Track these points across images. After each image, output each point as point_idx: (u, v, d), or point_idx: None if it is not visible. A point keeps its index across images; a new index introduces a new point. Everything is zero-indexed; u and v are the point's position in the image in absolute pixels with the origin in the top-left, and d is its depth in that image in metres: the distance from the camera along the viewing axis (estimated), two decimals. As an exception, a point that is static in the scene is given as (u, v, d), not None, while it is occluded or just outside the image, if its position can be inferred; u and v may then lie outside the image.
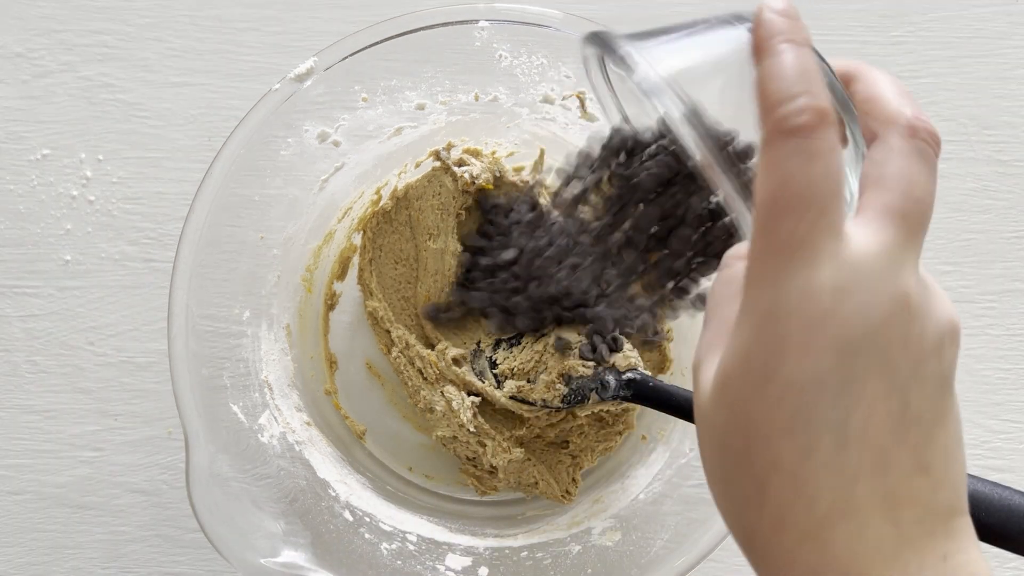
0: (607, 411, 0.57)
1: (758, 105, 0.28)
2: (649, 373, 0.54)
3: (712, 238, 0.44)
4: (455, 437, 0.57)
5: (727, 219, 0.44)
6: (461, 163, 0.59)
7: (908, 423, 0.28)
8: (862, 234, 0.28)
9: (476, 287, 0.58)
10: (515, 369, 0.56)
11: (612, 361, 0.54)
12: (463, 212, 0.59)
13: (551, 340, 0.56)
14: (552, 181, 0.56)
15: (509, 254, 0.55)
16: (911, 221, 0.28)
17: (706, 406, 0.30)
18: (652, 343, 0.58)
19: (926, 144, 0.30)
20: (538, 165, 0.59)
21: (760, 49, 0.30)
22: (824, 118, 0.27)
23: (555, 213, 0.54)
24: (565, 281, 0.51)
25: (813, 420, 0.27)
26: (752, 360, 0.28)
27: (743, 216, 0.30)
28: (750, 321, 0.28)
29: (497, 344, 0.58)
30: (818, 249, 0.27)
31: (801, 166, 0.27)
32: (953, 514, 0.28)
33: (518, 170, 0.60)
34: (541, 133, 0.58)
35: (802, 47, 0.29)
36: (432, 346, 0.59)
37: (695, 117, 0.31)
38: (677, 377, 0.59)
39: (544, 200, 0.59)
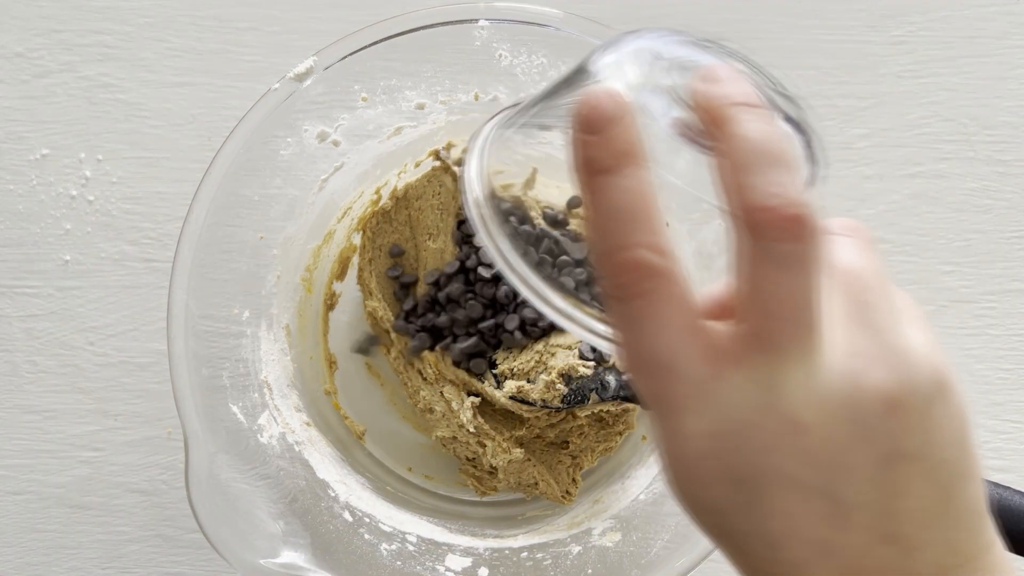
0: (607, 411, 0.57)
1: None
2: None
3: None
4: (455, 437, 0.57)
5: None
6: (461, 163, 0.59)
7: (846, 511, 0.26)
8: (729, 369, 0.27)
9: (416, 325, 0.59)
10: (515, 369, 0.56)
11: (612, 361, 0.54)
12: (461, 212, 0.59)
13: (551, 340, 0.56)
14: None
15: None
16: (774, 341, 0.26)
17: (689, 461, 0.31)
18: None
19: (778, 242, 0.25)
20: (530, 182, 0.59)
21: (578, 183, 0.26)
22: (647, 271, 0.26)
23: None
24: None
25: (733, 534, 0.28)
26: (669, 479, 0.29)
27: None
28: (657, 447, 0.29)
29: (497, 344, 0.58)
30: (682, 402, 0.27)
31: (633, 328, 0.27)
32: (946, 570, 0.27)
33: (506, 188, 0.59)
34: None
35: (615, 176, 0.26)
36: (432, 347, 0.59)
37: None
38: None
39: (535, 213, 0.59)
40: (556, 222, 0.59)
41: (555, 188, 0.61)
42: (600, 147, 0.25)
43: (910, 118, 0.64)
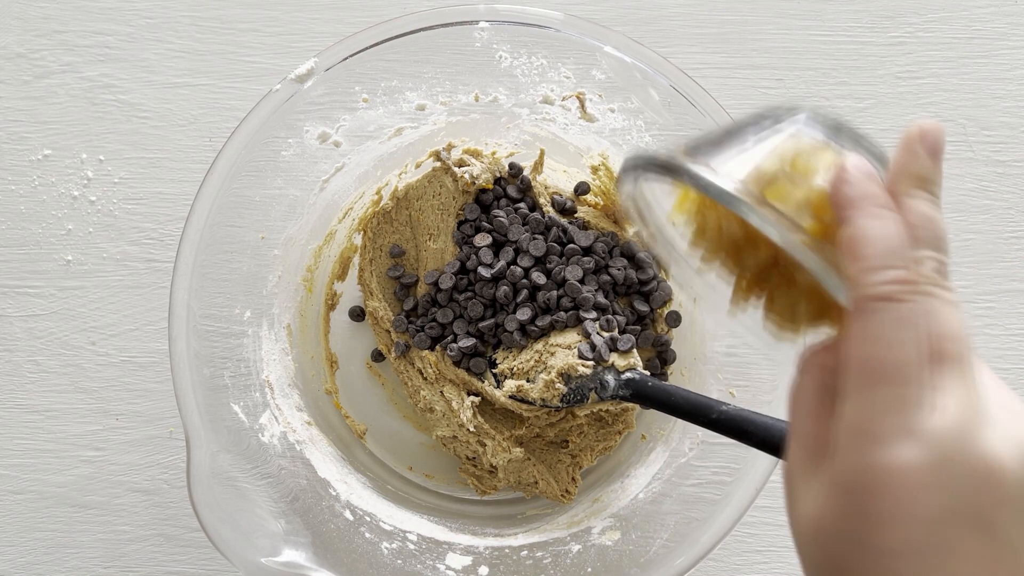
0: (606, 410, 0.57)
1: (847, 263, 0.30)
2: (648, 372, 0.54)
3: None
4: (455, 437, 0.58)
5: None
6: (461, 163, 0.59)
7: (1008, 554, 0.28)
8: (940, 404, 0.29)
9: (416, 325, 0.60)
10: (514, 368, 0.56)
11: (611, 361, 0.54)
12: (461, 212, 0.60)
13: (550, 339, 0.56)
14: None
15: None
16: (951, 355, 0.29)
17: (804, 534, 0.31)
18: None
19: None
20: (538, 166, 0.59)
21: (849, 205, 0.31)
22: (916, 287, 0.29)
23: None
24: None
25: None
26: (846, 522, 0.29)
27: (836, 292, 0.31)
28: (844, 486, 0.29)
29: (497, 344, 0.58)
30: (906, 426, 0.28)
31: (893, 332, 0.29)
32: None
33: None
34: (541, 134, 0.59)
35: (887, 211, 0.31)
36: (432, 347, 0.59)
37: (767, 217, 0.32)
38: (676, 377, 0.59)
39: (544, 200, 0.59)
40: (564, 209, 0.59)
41: (563, 172, 0.61)
42: (879, 189, 0.31)
43: (908, 119, 0.64)
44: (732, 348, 0.55)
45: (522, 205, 0.59)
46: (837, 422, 0.30)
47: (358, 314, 0.61)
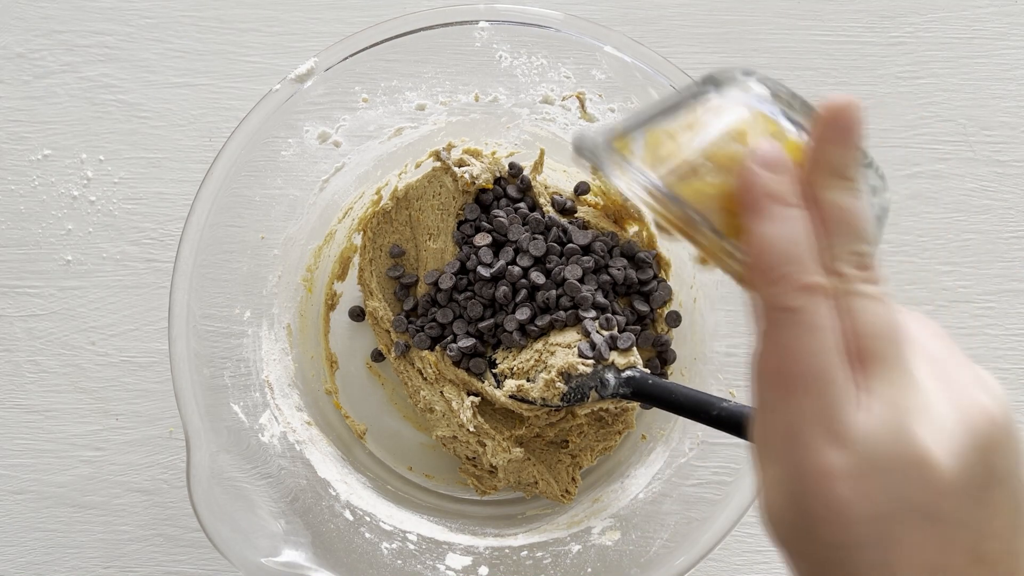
0: (606, 410, 0.57)
1: (749, 272, 0.30)
2: (648, 371, 0.54)
3: None
4: (455, 437, 0.58)
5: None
6: (461, 163, 0.59)
7: (954, 536, 0.28)
8: (863, 396, 0.29)
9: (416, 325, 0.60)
10: (514, 368, 0.56)
11: (611, 359, 0.54)
12: (461, 212, 0.59)
13: (550, 339, 0.56)
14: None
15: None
16: (877, 356, 0.29)
17: (765, 515, 0.31)
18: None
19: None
20: (538, 166, 0.59)
21: (748, 207, 0.30)
22: (822, 291, 0.28)
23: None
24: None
25: (850, 568, 0.29)
26: (794, 516, 0.30)
27: (731, 273, 0.31)
28: (784, 485, 0.30)
29: (496, 344, 0.58)
30: (831, 431, 0.28)
31: (799, 342, 0.28)
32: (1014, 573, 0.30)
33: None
34: (541, 133, 0.59)
35: (790, 210, 0.30)
36: (432, 347, 0.59)
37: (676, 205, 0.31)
38: (676, 377, 0.59)
39: (543, 200, 0.59)
40: (564, 209, 0.59)
41: (562, 172, 0.61)
42: (780, 184, 0.30)
43: (909, 119, 0.64)
44: (732, 348, 0.55)
45: (522, 205, 0.59)
46: (775, 421, 0.30)
47: (358, 314, 0.61)
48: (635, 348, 0.55)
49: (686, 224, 0.31)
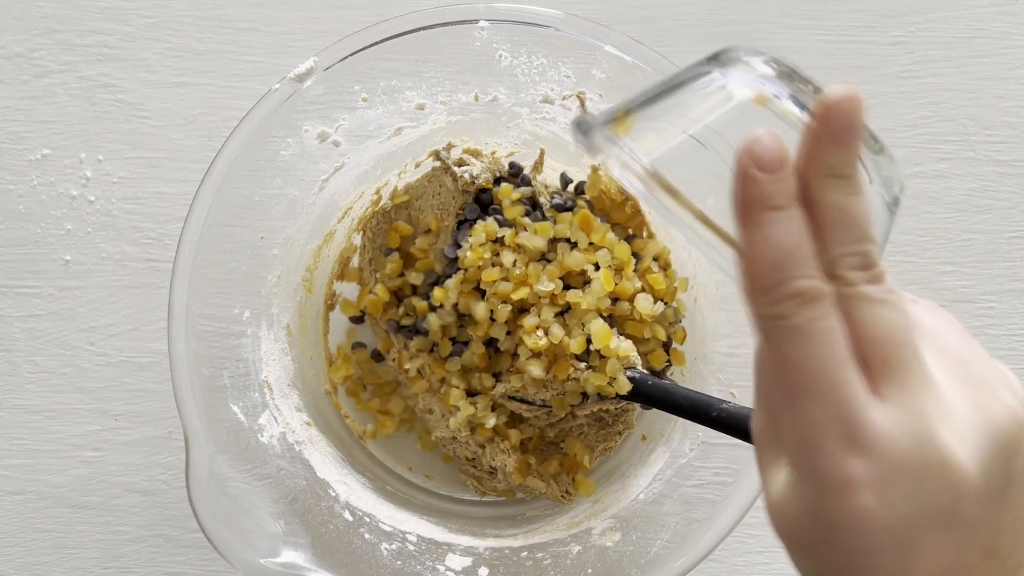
0: (606, 411, 0.57)
1: (741, 281, 0.28)
2: (648, 371, 0.54)
3: None
4: (454, 437, 0.57)
5: None
6: (461, 163, 0.59)
7: (972, 535, 0.28)
8: (876, 402, 0.28)
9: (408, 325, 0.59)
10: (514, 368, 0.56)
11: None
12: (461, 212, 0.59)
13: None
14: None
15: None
16: (891, 362, 0.28)
17: (773, 514, 0.31)
18: None
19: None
20: (538, 165, 0.59)
21: (740, 215, 0.28)
22: (819, 298, 0.27)
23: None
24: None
25: (873, 571, 0.28)
26: (811, 520, 0.29)
27: (729, 271, 0.30)
28: (801, 491, 0.29)
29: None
30: (849, 440, 0.27)
31: (799, 351, 0.27)
32: (1020, 567, 0.29)
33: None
34: (541, 133, 0.58)
35: (783, 212, 0.27)
36: (432, 348, 0.59)
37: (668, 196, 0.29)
38: (676, 377, 0.59)
39: (543, 199, 0.59)
40: (564, 208, 0.59)
41: (563, 172, 0.61)
42: (773, 185, 0.27)
43: (910, 118, 0.64)
44: (733, 348, 0.55)
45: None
46: (783, 428, 0.29)
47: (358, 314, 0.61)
48: (634, 347, 0.55)
49: (675, 210, 0.29)
